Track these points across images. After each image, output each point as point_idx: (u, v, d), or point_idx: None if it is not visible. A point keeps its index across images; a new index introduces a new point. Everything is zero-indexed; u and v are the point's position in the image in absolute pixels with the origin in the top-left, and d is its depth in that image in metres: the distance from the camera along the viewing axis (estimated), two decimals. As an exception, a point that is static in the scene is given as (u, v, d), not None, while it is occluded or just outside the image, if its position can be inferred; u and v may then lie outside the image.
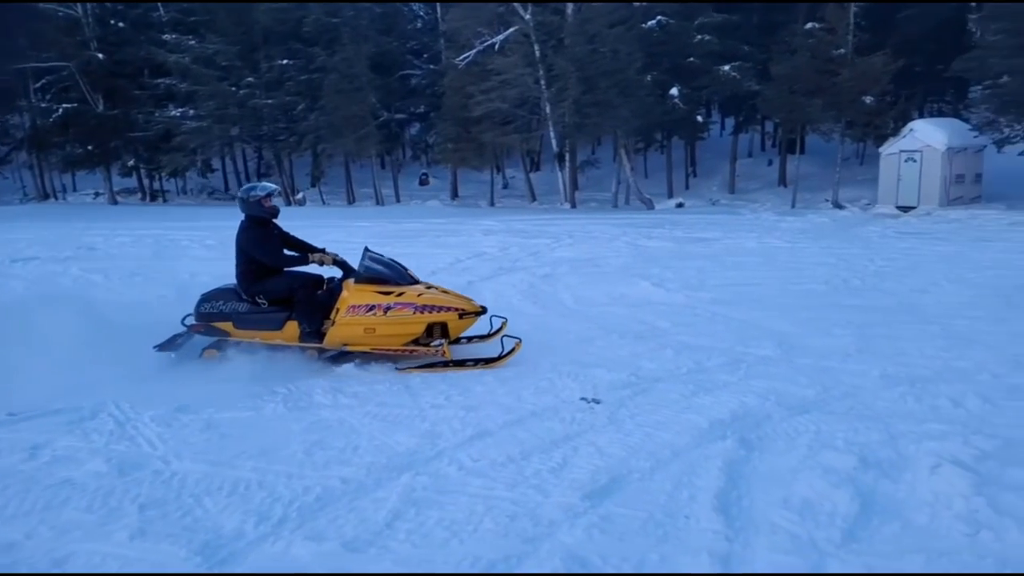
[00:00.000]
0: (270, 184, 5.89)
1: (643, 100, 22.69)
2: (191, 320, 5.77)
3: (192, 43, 27.57)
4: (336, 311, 5.60)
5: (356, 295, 5.58)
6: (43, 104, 29.35)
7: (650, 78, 23.36)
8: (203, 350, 5.67)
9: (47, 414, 4.52)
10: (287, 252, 5.81)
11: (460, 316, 5.65)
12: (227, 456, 3.89)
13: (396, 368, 5.53)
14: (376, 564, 2.87)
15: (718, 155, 29.65)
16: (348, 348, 5.61)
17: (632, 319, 7.13)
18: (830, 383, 4.93)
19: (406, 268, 5.90)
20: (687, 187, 28.51)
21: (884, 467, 3.53)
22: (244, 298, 5.66)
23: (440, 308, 5.60)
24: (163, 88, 28.21)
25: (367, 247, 5.90)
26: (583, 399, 4.73)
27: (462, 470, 3.68)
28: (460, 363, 5.59)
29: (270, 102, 28.10)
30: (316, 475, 3.64)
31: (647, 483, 3.49)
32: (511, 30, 23.21)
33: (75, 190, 35.22)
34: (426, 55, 31.79)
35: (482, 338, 6.16)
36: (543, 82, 22.95)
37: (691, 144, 29.12)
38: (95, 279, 9.74)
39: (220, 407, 4.63)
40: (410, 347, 5.63)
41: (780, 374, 5.18)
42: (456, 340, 5.91)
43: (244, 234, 5.64)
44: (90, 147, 29.46)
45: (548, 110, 23.18)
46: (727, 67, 23.79)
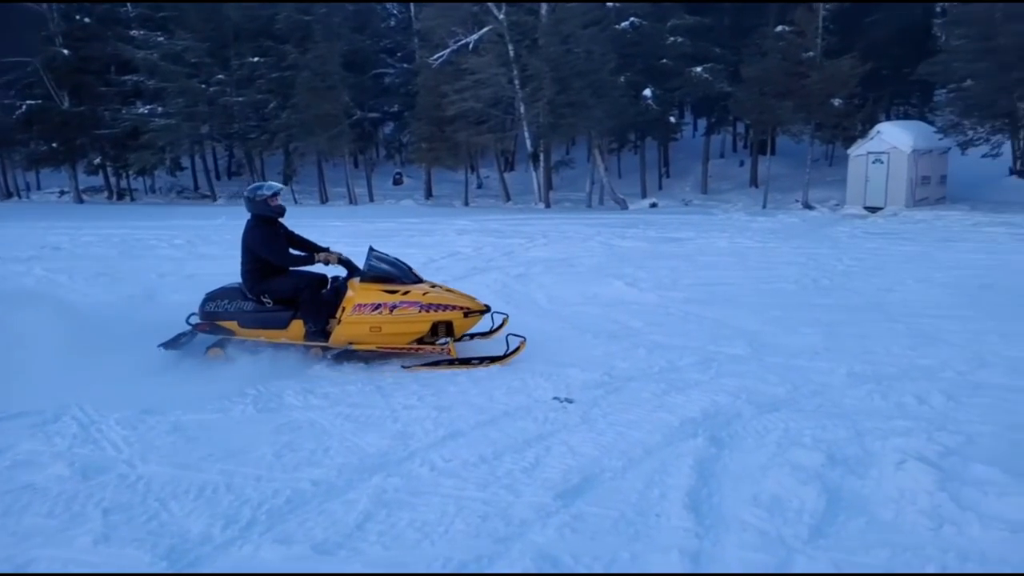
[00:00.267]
0: (276, 183, 5.90)
1: (617, 101, 22.81)
2: (196, 319, 5.75)
3: (160, 39, 27.06)
4: (342, 310, 5.61)
5: (362, 294, 5.60)
6: (6, 101, 28.61)
7: (624, 79, 23.49)
8: (207, 349, 5.65)
9: (8, 417, 4.41)
10: (293, 251, 5.81)
11: (465, 315, 5.69)
12: (194, 459, 3.83)
13: (402, 366, 5.54)
14: (346, 567, 2.84)
15: (691, 156, 29.92)
16: (353, 347, 5.60)
17: (605, 319, 7.16)
18: (799, 381, 5.00)
19: (410, 267, 5.93)
20: (660, 187, 28.72)
21: (851, 464, 3.58)
22: (249, 297, 5.66)
23: (445, 307, 5.64)
24: (131, 85, 27.66)
25: (371, 246, 5.91)
26: (556, 399, 4.73)
27: (434, 471, 3.66)
28: (465, 361, 5.60)
29: (241, 100, 27.71)
30: (286, 477, 3.59)
31: (619, 482, 3.50)
32: (485, 30, 23.19)
33: (39, 188, 34.39)
34: (400, 54, 31.63)
35: (484, 335, 6.19)
36: (517, 82, 22.95)
37: (664, 145, 29.33)
38: (59, 279, 9.52)
39: (188, 409, 4.55)
40: (415, 345, 5.65)
41: (750, 372, 5.23)
42: (459, 337, 5.93)
43: (250, 233, 5.64)
44: (55, 144, 28.79)
45: (522, 110, 23.19)
46: (699, 69, 24.01)
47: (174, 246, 12.97)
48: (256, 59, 27.68)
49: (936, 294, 8.11)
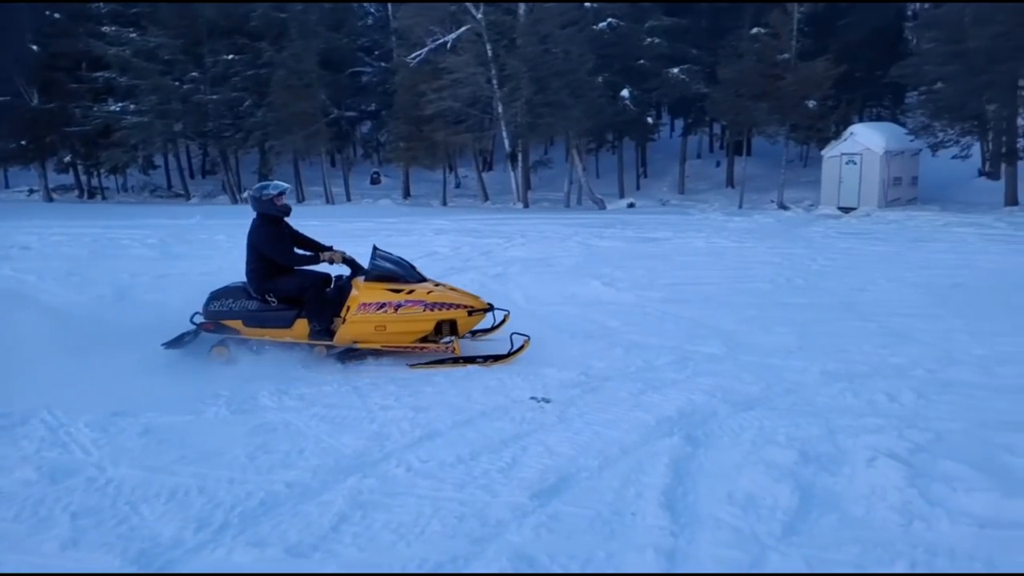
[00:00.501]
0: (283, 183, 5.92)
1: (594, 101, 22.89)
2: (200, 318, 5.74)
3: (133, 36, 26.67)
4: (347, 309, 5.63)
5: (367, 293, 5.61)
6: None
7: (601, 79, 23.58)
8: (212, 347, 5.63)
9: (-27, 421, 4.31)
10: (298, 251, 5.81)
11: (469, 313, 5.72)
12: (166, 461, 3.77)
13: (408, 365, 5.54)
14: (321, 569, 2.81)
15: (668, 156, 30.13)
16: (358, 346, 5.61)
17: (583, 318, 7.17)
18: (773, 380, 5.05)
19: (413, 266, 5.96)
20: (638, 187, 28.88)
21: (823, 461, 3.62)
22: (253, 296, 5.66)
23: (450, 305, 5.66)
24: (102, 82, 27.23)
25: (376, 245, 5.91)
26: (533, 398, 4.73)
27: (410, 471, 3.64)
28: (470, 359, 5.62)
29: (215, 97, 27.38)
30: (259, 479, 3.55)
31: (595, 481, 3.51)
32: (463, 29, 23.14)
33: (7, 187, 33.77)
34: (377, 52, 31.44)
35: (485, 332, 6.20)
36: (495, 82, 22.93)
37: (642, 145, 29.49)
38: (28, 279, 9.34)
39: (160, 411, 4.48)
40: (420, 344, 5.67)
41: (726, 371, 5.27)
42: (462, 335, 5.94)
43: (256, 232, 5.65)
44: (24, 142, 28.27)
45: (500, 110, 23.18)
46: (676, 70, 24.18)
47: (147, 246, 12.78)
48: (231, 56, 27.37)
49: (907, 293, 8.24)
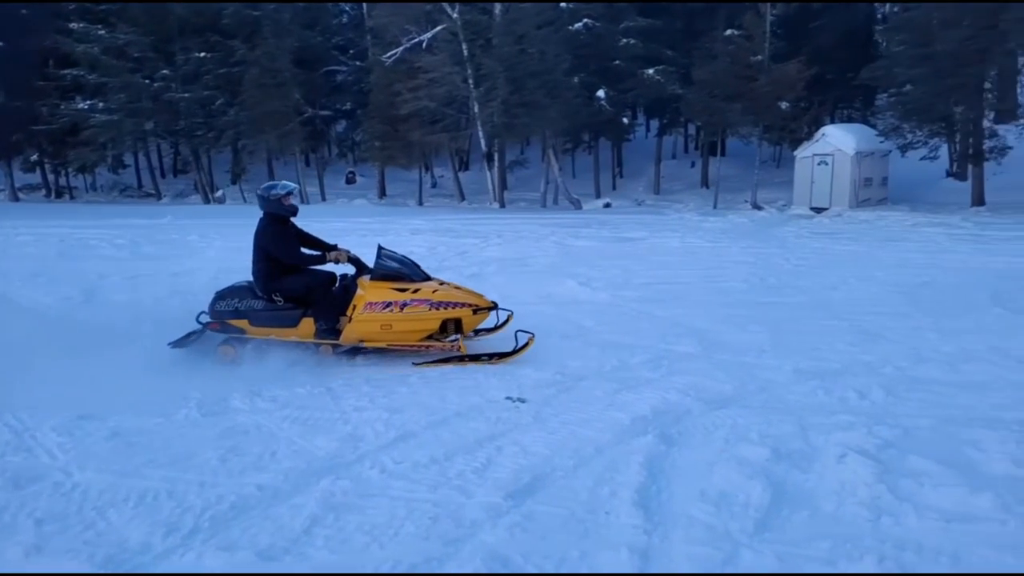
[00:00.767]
0: (290, 183, 5.93)
1: (570, 101, 22.95)
2: (206, 318, 5.72)
3: (101, 33, 26.18)
4: (353, 308, 5.66)
5: (373, 292, 5.65)
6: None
7: (577, 80, 23.64)
8: (218, 346, 5.65)
9: (-67, 426, 4.21)
10: (305, 250, 5.82)
11: (474, 312, 5.75)
12: (134, 465, 3.71)
13: (413, 363, 5.60)
14: (293, 572, 2.78)
15: (644, 156, 30.30)
16: (364, 344, 5.65)
17: (558, 318, 7.18)
18: (746, 378, 5.09)
19: (418, 265, 5.99)
20: (614, 188, 29.01)
21: (795, 458, 3.66)
22: (259, 295, 5.65)
23: (455, 304, 5.69)
24: (70, 79, 26.69)
25: (381, 245, 5.95)
26: (508, 398, 4.73)
27: (384, 473, 3.62)
28: (475, 358, 5.65)
29: (186, 96, 26.96)
30: (230, 483, 3.50)
31: (570, 480, 3.51)
32: (438, 28, 23.07)
33: (-28, 186, 32.97)
34: (352, 51, 31.22)
35: (489, 331, 6.21)
36: (471, 81, 22.89)
37: (617, 145, 29.63)
38: (-8, 280, 9.12)
39: (128, 414, 4.41)
40: (425, 343, 5.70)
41: (700, 370, 5.31)
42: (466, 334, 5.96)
43: (263, 232, 5.67)
44: (-12, 140, 27.65)
45: (476, 109, 23.13)
46: (651, 71, 24.31)
47: (116, 246, 12.55)
48: (202, 54, 26.97)
49: (878, 292, 8.37)
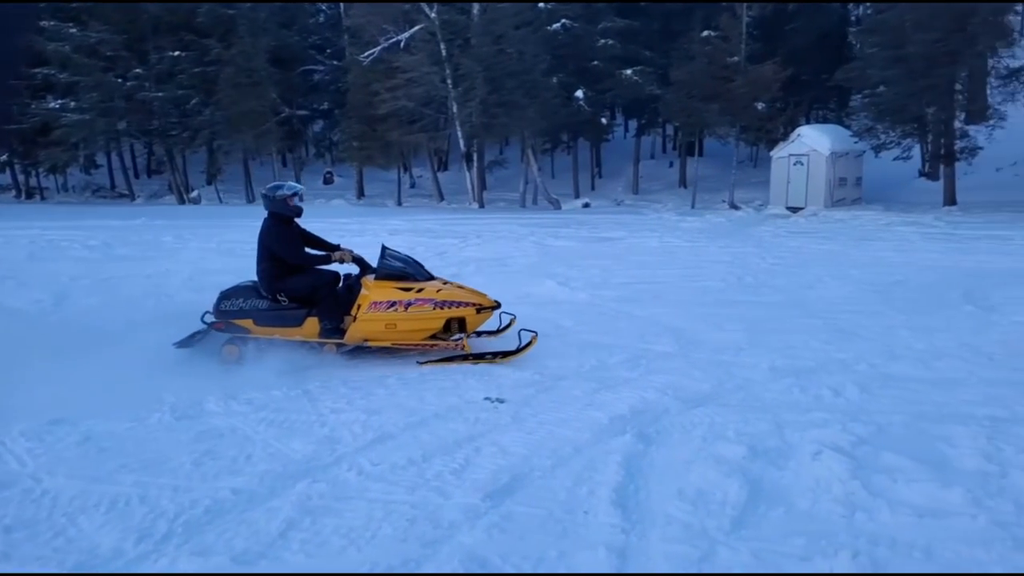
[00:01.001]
0: (297, 184, 5.92)
1: (549, 102, 23.00)
2: (211, 317, 5.72)
3: (73, 31, 25.77)
4: (358, 307, 5.67)
5: (377, 292, 5.66)
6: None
7: (556, 80, 23.70)
8: (223, 346, 5.61)
9: None
10: (309, 251, 5.83)
11: (477, 311, 5.76)
12: (106, 471, 3.64)
13: (417, 362, 5.62)
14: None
15: (622, 156, 30.45)
16: (369, 343, 5.67)
17: (537, 318, 7.14)
18: (724, 376, 5.13)
19: (422, 264, 6.01)
20: (593, 188, 29.12)
21: (771, 456, 3.69)
22: (264, 295, 5.63)
23: (458, 303, 5.70)
24: (41, 78, 26.24)
25: (385, 245, 5.97)
26: (487, 399, 4.72)
27: (361, 475, 3.58)
28: (479, 357, 5.66)
29: (160, 95, 26.62)
30: (205, 487, 3.45)
31: (548, 480, 3.51)
32: (416, 28, 23.00)
33: (-61, 187, 32.30)
34: (329, 51, 31.01)
35: (491, 334, 6.23)
36: (450, 81, 22.85)
37: (596, 146, 29.75)
38: (-40, 283, 8.93)
39: (100, 418, 4.33)
40: (429, 342, 5.72)
41: (678, 369, 5.34)
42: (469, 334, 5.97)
43: (268, 232, 5.68)
44: (-43, 140, 27.12)
45: (455, 109, 23.10)
46: (629, 71, 24.43)
47: (88, 248, 12.35)
48: (177, 53, 26.65)
49: (852, 291, 8.48)
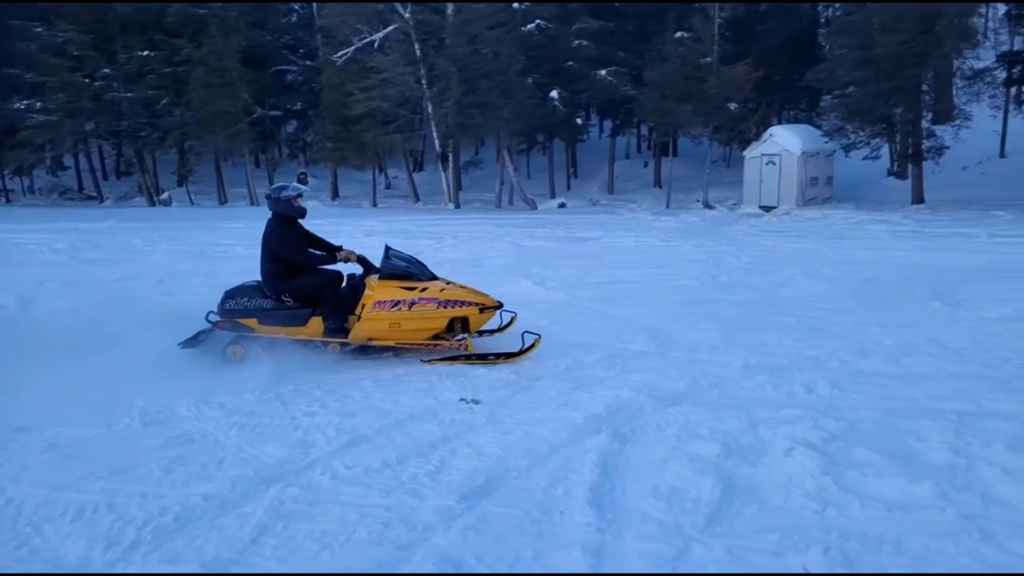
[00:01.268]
0: (301, 185, 5.94)
1: (524, 102, 23.02)
2: (215, 317, 5.73)
3: (39, 30, 25.25)
4: (362, 307, 5.70)
5: (381, 291, 5.70)
6: None
7: (531, 80, 23.74)
8: (227, 346, 5.62)
9: None
10: (313, 251, 5.83)
11: (480, 311, 5.80)
12: (72, 478, 3.56)
13: (421, 360, 5.63)
14: (239, 584, 2.71)
15: (598, 157, 30.58)
16: (373, 343, 5.70)
17: (513, 318, 7.17)
18: (698, 375, 5.16)
19: (425, 264, 6.04)
20: (569, 188, 29.21)
21: (745, 452, 3.72)
22: (268, 294, 5.66)
23: (462, 303, 5.75)
24: (6, 78, 25.67)
25: (388, 245, 6.01)
26: (463, 400, 4.70)
27: (335, 479, 3.55)
28: (482, 357, 5.68)
29: (129, 95, 26.21)
30: (175, 493, 3.39)
31: (524, 481, 3.50)
32: (390, 28, 22.89)
33: (-100, 189, 31.44)
34: (302, 51, 30.76)
35: (491, 332, 6.25)
36: (424, 82, 22.77)
37: (572, 146, 29.86)
38: (-79, 288, 8.69)
39: (67, 424, 4.24)
40: (433, 341, 5.75)
41: (653, 368, 5.37)
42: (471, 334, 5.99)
43: (272, 234, 5.71)
44: (-82, 141, 26.42)
45: (430, 110, 23.02)
46: (604, 72, 24.55)
47: (55, 251, 12.09)
48: (146, 53, 26.26)
49: (824, 288, 8.59)
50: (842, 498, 3.17)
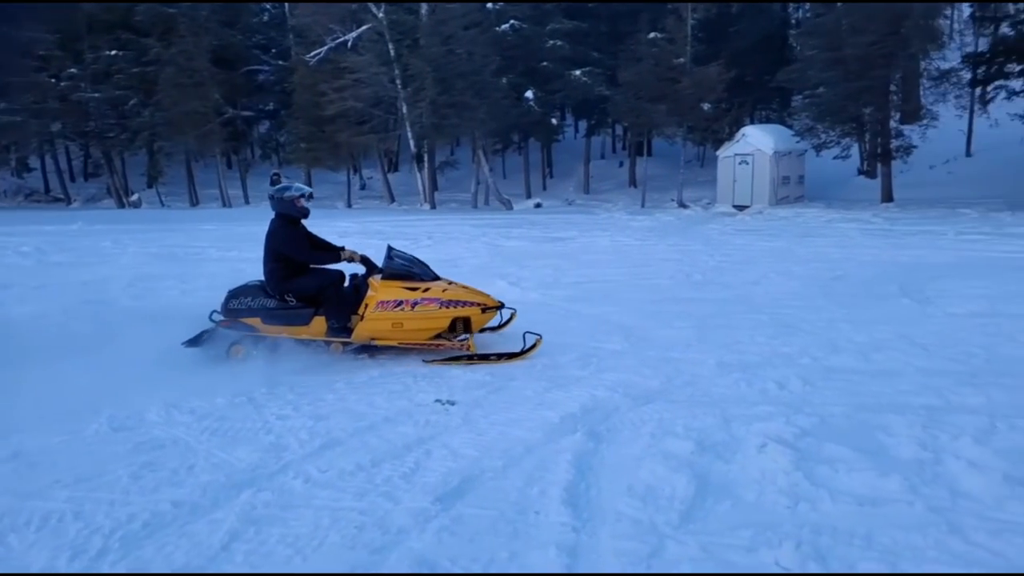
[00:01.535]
0: (305, 186, 5.94)
1: (499, 102, 23.03)
2: (219, 316, 5.75)
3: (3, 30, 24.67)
4: (364, 306, 5.74)
5: (384, 291, 5.74)
6: None
7: (505, 81, 23.75)
8: (230, 346, 5.64)
9: None
10: (316, 251, 5.92)
11: (483, 311, 5.85)
12: (37, 487, 3.48)
13: (423, 360, 5.64)
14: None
15: (573, 157, 30.69)
16: (375, 342, 5.72)
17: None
18: (672, 373, 5.19)
19: (427, 265, 6.05)
20: (544, 188, 29.27)
21: (718, 450, 3.74)
22: (272, 294, 5.72)
23: (464, 303, 5.78)
24: (-32, 77, 25.08)
25: (390, 245, 6.07)
26: (438, 401, 4.68)
27: (308, 482, 3.51)
28: (484, 357, 5.70)
29: (97, 96, 25.76)
30: (143, 500, 3.33)
31: (499, 481, 3.49)
32: (364, 28, 22.76)
33: None
34: (274, 50, 30.48)
35: (493, 330, 6.28)
36: (399, 82, 22.67)
37: (547, 146, 29.92)
38: None
39: (31, 431, 4.13)
40: (435, 341, 5.78)
41: (628, 366, 5.38)
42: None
43: (275, 234, 5.73)
44: None
45: (405, 110, 22.93)
46: (578, 72, 24.65)
47: (21, 254, 11.84)
48: (114, 52, 25.82)
49: (796, 286, 8.70)
50: (814, 493, 3.20)
